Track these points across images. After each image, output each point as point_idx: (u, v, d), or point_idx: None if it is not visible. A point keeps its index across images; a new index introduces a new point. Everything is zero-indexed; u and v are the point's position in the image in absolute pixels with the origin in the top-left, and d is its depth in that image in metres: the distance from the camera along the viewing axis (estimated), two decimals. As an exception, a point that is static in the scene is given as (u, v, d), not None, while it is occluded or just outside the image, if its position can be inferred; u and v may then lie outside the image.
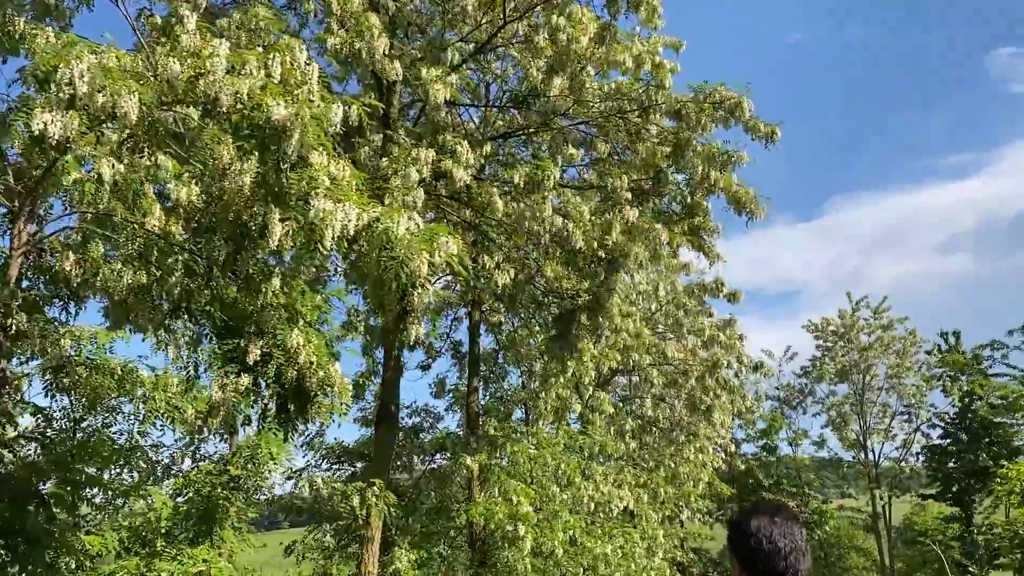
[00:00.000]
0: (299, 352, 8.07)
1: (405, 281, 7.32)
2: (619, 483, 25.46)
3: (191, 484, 11.87)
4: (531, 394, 25.69)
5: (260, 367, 8.07)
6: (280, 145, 6.47)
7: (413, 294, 7.40)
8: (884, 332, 48.78)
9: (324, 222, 6.63)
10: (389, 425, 17.13)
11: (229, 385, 7.98)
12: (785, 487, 46.07)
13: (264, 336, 8.11)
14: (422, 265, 7.32)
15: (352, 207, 6.78)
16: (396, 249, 7.20)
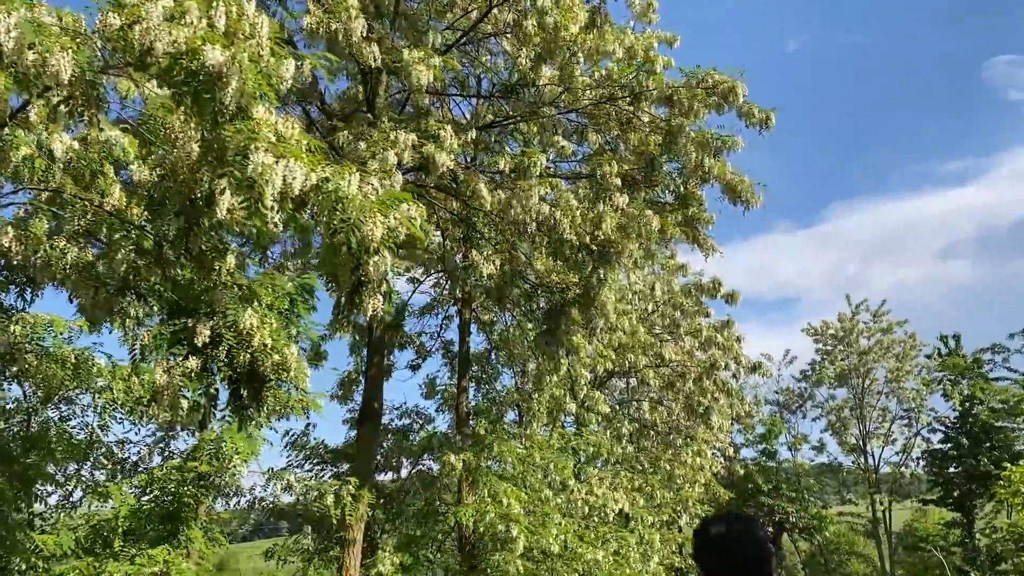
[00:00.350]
0: (253, 334, 7.38)
1: (357, 246, 6.66)
2: (614, 486, 24.80)
3: (155, 481, 11.19)
4: (524, 395, 25.00)
5: (210, 349, 7.40)
6: (215, 94, 5.82)
7: (368, 262, 6.75)
8: (884, 335, 48.10)
9: (264, 177, 5.96)
10: (372, 424, 16.47)
11: (175, 368, 7.30)
12: (784, 492, 45.36)
13: (215, 316, 7.43)
14: (376, 228, 6.67)
15: (298, 164, 6.12)
16: (347, 210, 6.55)
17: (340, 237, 6.63)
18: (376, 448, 16.48)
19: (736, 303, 31.57)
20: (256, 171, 5.93)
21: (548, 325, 17.53)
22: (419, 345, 24.96)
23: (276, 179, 5.97)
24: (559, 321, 17.30)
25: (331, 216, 6.54)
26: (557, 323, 17.29)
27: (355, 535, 15.63)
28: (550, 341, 17.28)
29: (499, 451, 17.68)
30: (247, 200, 6.20)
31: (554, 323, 17.42)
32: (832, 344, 49.10)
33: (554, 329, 17.27)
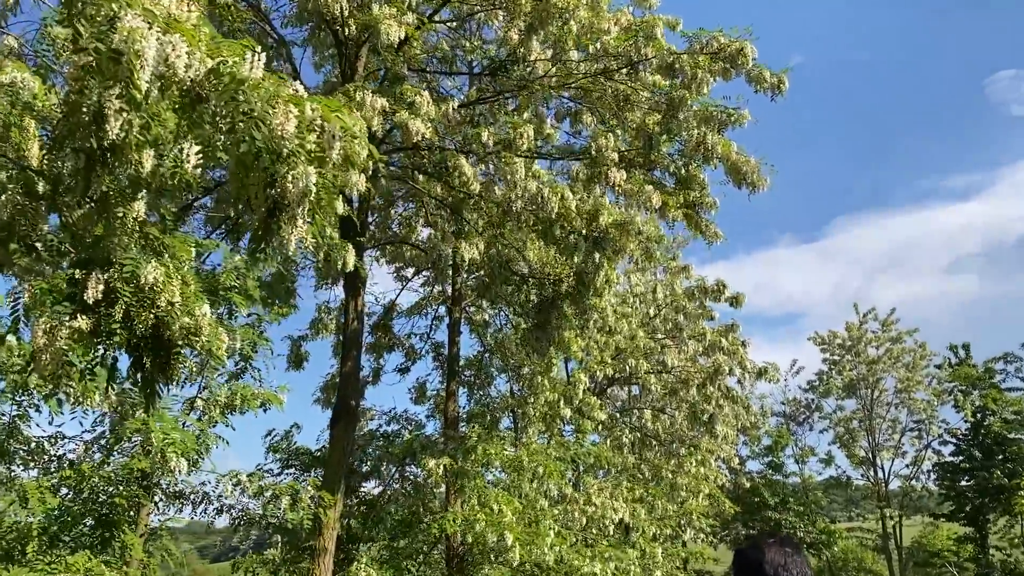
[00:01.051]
0: (158, 291, 5.96)
1: (262, 146, 5.22)
2: (614, 495, 23.30)
3: (84, 480, 9.79)
4: (519, 400, 23.55)
5: (104, 307, 5.98)
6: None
7: (285, 175, 5.32)
8: (893, 345, 46.46)
9: (133, 48, 4.54)
10: (347, 423, 15.00)
11: (60, 329, 5.89)
12: (792, 506, 43.67)
13: (111, 268, 6.03)
14: (286, 121, 5.23)
15: (183, 41, 4.70)
16: (249, 100, 5.14)
17: (244, 143, 5.20)
18: (350, 450, 15.02)
19: (741, 306, 30.02)
20: (123, 39, 4.54)
21: (538, 320, 16.10)
22: (409, 347, 23.53)
23: (149, 52, 4.57)
24: (550, 315, 15.88)
25: (232, 110, 5.13)
26: (548, 317, 15.87)
27: (326, 544, 14.15)
28: (540, 337, 15.85)
29: (483, 454, 16.20)
30: (112, 74, 4.79)
31: (544, 317, 15.99)
32: (840, 354, 47.48)
33: (544, 324, 15.84)
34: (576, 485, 25.94)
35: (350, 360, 15.39)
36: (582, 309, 15.78)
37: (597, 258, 14.69)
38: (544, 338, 15.77)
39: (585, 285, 15.21)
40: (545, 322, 15.79)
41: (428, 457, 15.92)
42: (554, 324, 15.86)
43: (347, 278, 15.81)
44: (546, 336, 15.72)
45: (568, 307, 15.82)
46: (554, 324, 15.86)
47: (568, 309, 15.82)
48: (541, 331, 15.77)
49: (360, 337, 15.66)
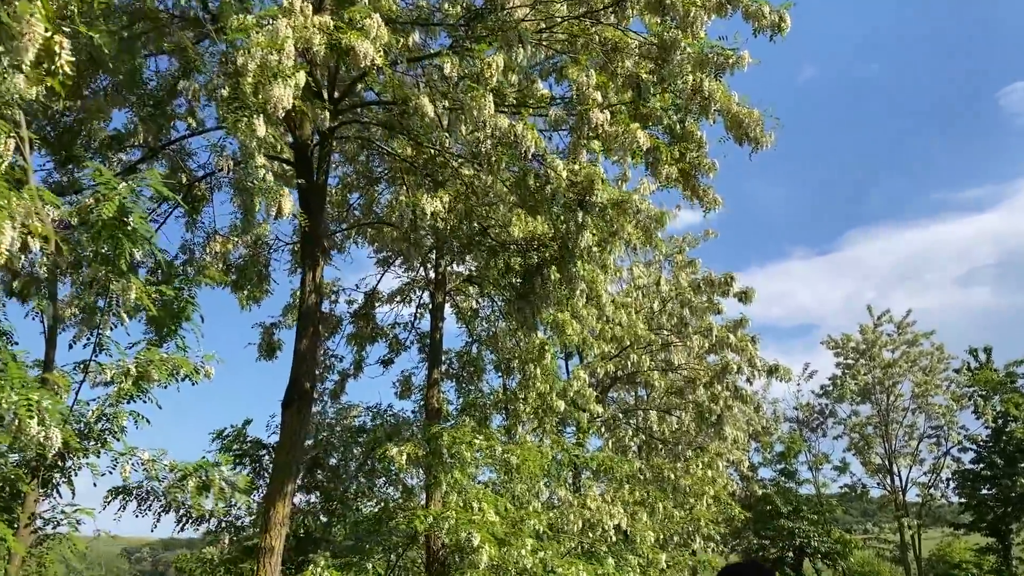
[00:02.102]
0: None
1: None
2: (612, 499, 21.39)
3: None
4: (511, 395, 21.68)
5: None
6: None
7: None
8: (909, 348, 44.24)
9: None
10: (301, 407, 13.20)
11: None
12: (805, 514, 41.48)
13: None
14: None
15: None
16: None
17: None
18: (303, 437, 13.20)
19: (751, 301, 28.16)
20: None
21: (522, 289, 14.28)
22: (392, 338, 21.71)
23: None
24: (534, 284, 14.06)
25: None
26: (531, 286, 14.05)
27: (272, 542, 12.34)
28: (523, 307, 14.02)
29: (451, 440, 14.32)
30: None
31: (528, 287, 14.17)
32: (854, 357, 45.28)
33: (527, 293, 14.02)
34: (577, 489, 24.06)
35: (306, 337, 13.60)
36: (568, 276, 13.92)
37: (580, 217, 12.86)
38: (528, 308, 13.95)
39: (569, 249, 13.38)
40: (528, 291, 13.97)
41: (389, 446, 14.06)
42: (539, 293, 14.03)
43: (304, 247, 14.07)
44: (530, 306, 13.90)
45: (555, 274, 14.00)
46: (539, 293, 14.03)
47: (555, 276, 14.00)
48: (524, 301, 13.95)
49: (317, 312, 13.86)
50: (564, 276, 13.87)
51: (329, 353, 20.72)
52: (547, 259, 14.37)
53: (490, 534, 14.50)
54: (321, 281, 13.97)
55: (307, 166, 14.11)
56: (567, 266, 13.67)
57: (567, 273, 13.80)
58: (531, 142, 11.18)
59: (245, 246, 19.25)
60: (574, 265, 13.63)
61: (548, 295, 14.16)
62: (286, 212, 10.12)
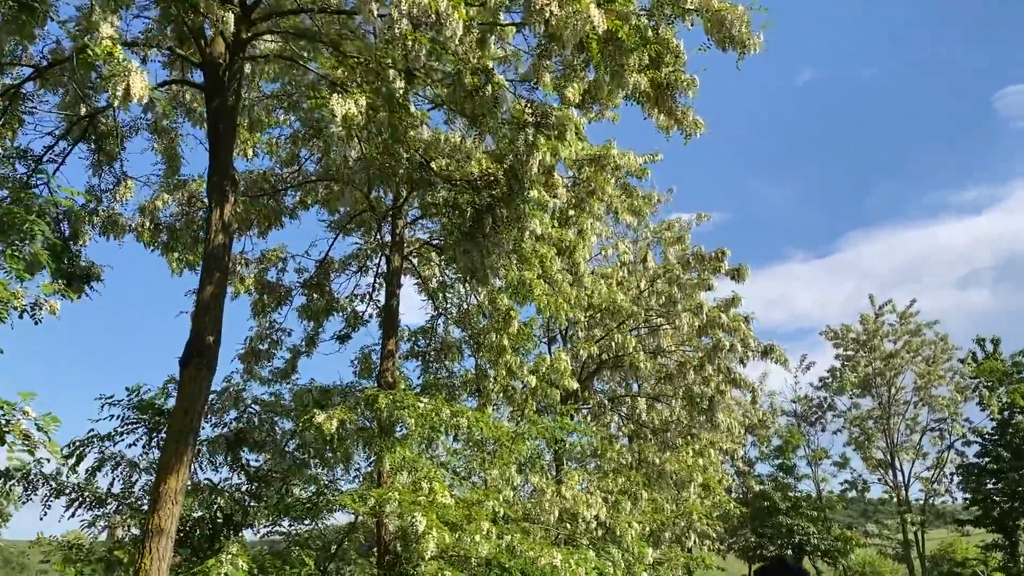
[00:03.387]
0: None
1: None
2: (589, 488, 19.03)
3: None
4: (480, 372, 19.33)
5: None
6: None
7: None
8: (912, 338, 41.75)
9: None
10: (200, 366, 10.84)
11: None
12: (804, 510, 39.00)
13: None
14: None
15: None
16: None
17: None
18: (203, 399, 10.83)
19: (744, 280, 25.77)
20: None
21: (470, 230, 11.95)
22: (350, 312, 19.33)
23: None
24: (483, 223, 11.73)
25: None
26: (480, 226, 11.72)
27: (162, 522, 9.97)
28: (470, 250, 11.68)
29: (385, 404, 11.91)
30: None
31: (477, 226, 11.84)
32: (854, 348, 42.80)
33: (474, 233, 11.68)
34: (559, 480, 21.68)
35: (211, 284, 11.25)
36: (516, 214, 11.59)
37: (531, 135, 10.54)
38: (476, 251, 11.61)
39: (518, 179, 11.05)
40: (476, 230, 11.64)
41: (315, 412, 11.67)
42: (489, 234, 11.71)
43: (210, 179, 11.75)
44: (478, 248, 11.56)
45: (504, 212, 11.68)
46: (489, 234, 11.71)
47: (505, 215, 11.68)
48: (471, 243, 11.61)
49: (226, 256, 11.51)
50: (512, 213, 11.53)
51: (276, 327, 18.35)
52: (498, 198, 12.06)
53: (440, 518, 12.15)
54: (231, 220, 11.62)
55: (218, 86, 11.83)
56: (515, 199, 11.32)
57: (515, 210, 11.46)
58: (457, 23, 8.82)
59: (178, 203, 17.01)
60: (523, 198, 11.29)
61: (499, 237, 11.81)
62: (136, 93, 7.76)
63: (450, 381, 20.00)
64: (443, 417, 12.16)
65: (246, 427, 13.25)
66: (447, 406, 12.42)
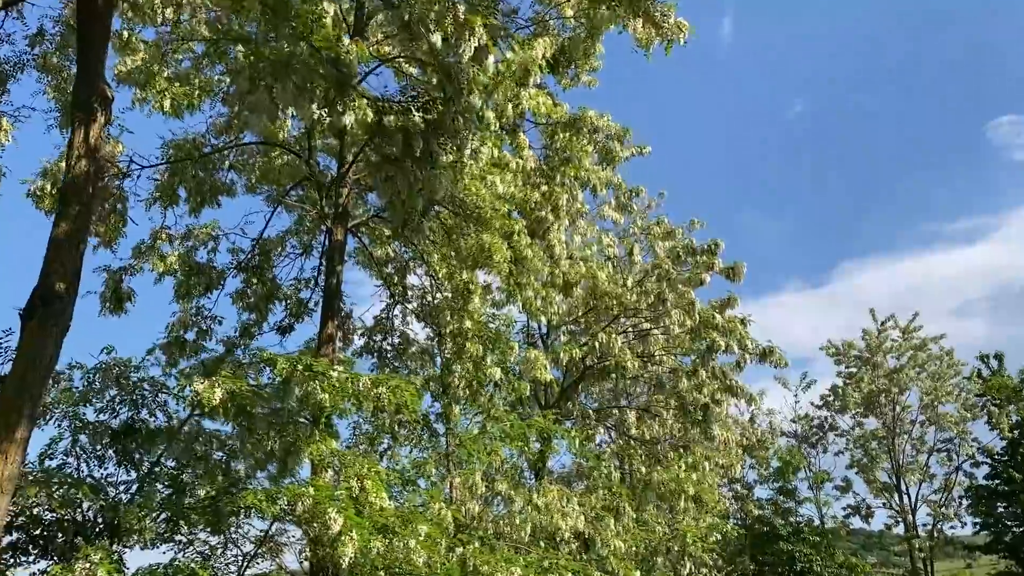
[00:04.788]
0: None
1: None
2: (566, 497, 16.42)
3: None
4: (444, 369, 16.79)
5: None
6: None
7: None
8: (917, 352, 39.13)
9: None
10: (47, 316, 8.33)
11: None
12: (807, 535, 36.07)
13: None
14: None
15: None
16: None
17: None
18: (48, 360, 8.33)
19: (740, 279, 23.31)
20: None
21: (400, 154, 9.47)
22: (294, 300, 16.83)
23: None
24: (412, 148, 9.26)
25: None
26: (409, 148, 9.25)
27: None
28: (394, 174, 9.20)
29: (284, 371, 9.36)
30: None
31: (407, 152, 9.37)
32: (856, 365, 40.17)
33: (404, 157, 9.21)
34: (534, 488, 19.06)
35: (67, 220, 8.77)
36: (453, 127, 9.10)
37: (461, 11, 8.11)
38: (402, 176, 9.13)
39: (451, 77, 8.59)
40: (407, 154, 9.18)
41: (196, 379, 9.15)
42: (420, 159, 9.24)
43: (74, 94, 9.33)
44: (404, 176, 9.08)
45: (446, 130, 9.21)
46: (420, 159, 9.24)
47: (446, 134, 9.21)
48: (396, 166, 9.13)
49: (89, 185, 9.01)
50: (448, 126, 9.04)
51: (204, 314, 15.80)
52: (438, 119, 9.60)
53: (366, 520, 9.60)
54: (99, 142, 9.15)
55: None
56: (450, 109, 8.85)
57: (451, 123, 8.98)
58: None
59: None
60: (459, 107, 8.82)
61: (431, 156, 9.32)
62: None
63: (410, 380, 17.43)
64: (360, 387, 9.58)
65: (137, 414, 10.69)
66: (368, 376, 9.86)
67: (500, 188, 12.54)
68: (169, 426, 10.59)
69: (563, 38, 16.56)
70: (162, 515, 10.40)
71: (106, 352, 10.51)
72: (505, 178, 12.83)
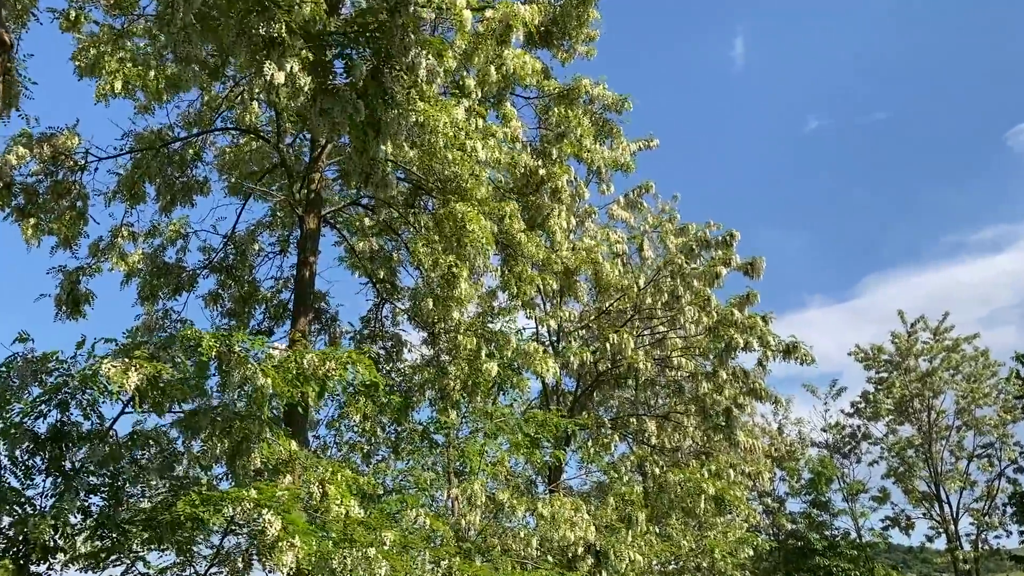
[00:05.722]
0: None
1: None
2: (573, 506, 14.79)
3: None
4: (440, 368, 15.25)
5: None
6: None
7: None
8: (950, 354, 37.04)
9: None
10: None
11: None
12: (843, 549, 34.01)
13: None
14: None
15: None
16: None
17: None
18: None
19: (759, 274, 21.67)
20: None
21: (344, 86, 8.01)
22: (275, 302, 15.42)
23: None
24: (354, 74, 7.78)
25: None
26: (353, 78, 7.78)
27: None
28: (331, 107, 7.71)
29: (208, 347, 7.86)
30: None
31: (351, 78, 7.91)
32: (887, 370, 38.15)
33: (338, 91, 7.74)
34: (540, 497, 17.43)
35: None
36: (401, 45, 7.60)
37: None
38: (339, 110, 7.65)
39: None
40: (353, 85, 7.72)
41: (110, 359, 7.68)
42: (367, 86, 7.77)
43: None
44: (342, 106, 7.61)
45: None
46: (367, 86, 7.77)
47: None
48: (333, 98, 7.67)
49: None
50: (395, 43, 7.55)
51: (173, 317, 14.41)
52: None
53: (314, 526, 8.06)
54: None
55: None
56: (396, 21, 7.38)
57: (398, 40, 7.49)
58: None
59: (39, 160, 13.30)
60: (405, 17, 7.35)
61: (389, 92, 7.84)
62: None
63: (403, 383, 15.93)
64: (305, 365, 8.08)
65: (68, 416, 9.24)
66: (315, 352, 8.35)
67: (482, 154, 11.08)
68: (100, 428, 9.14)
69: (555, 7, 15.21)
70: (99, 530, 8.94)
71: (20, 342, 9.11)
72: (488, 143, 11.37)
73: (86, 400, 9.07)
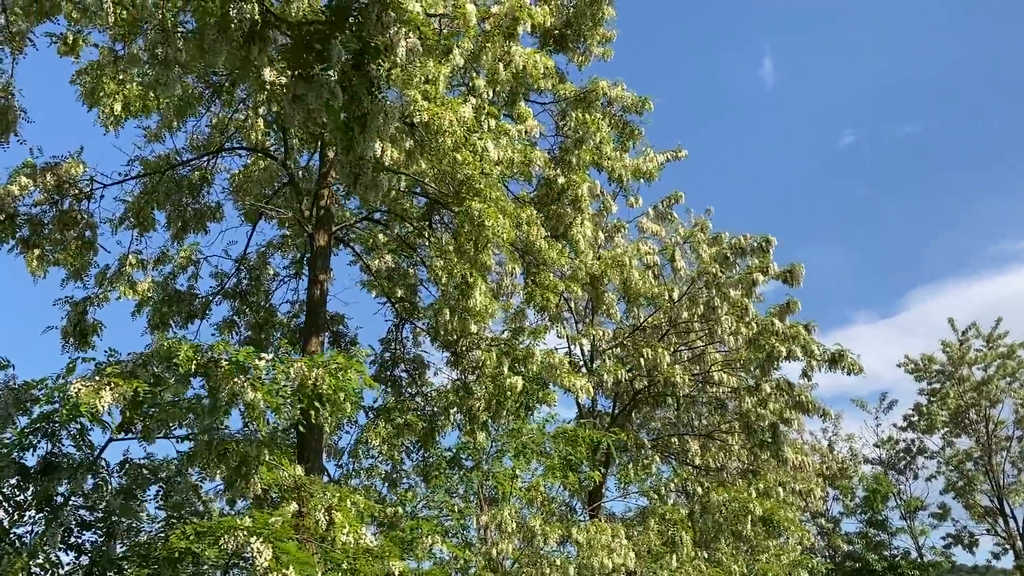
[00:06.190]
0: None
1: None
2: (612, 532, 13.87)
3: None
4: (464, 388, 14.48)
5: None
6: None
7: None
8: (1005, 361, 35.42)
9: None
10: None
11: None
12: (904, 570, 32.44)
13: None
14: None
15: None
16: None
17: None
18: None
19: (799, 282, 20.63)
20: None
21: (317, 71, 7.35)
22: (292, 328, 14.82)
23: None
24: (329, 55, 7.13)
25: None
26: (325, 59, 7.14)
27: None
28: (305, 93, 7.05)
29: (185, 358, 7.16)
30: None
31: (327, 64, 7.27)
32: (939, 380, 36.61)
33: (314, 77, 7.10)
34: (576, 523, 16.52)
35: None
36: (379, 23, 6.94)
37: None
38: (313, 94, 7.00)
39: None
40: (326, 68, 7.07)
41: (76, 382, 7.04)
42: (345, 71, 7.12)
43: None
44: (317, 90, 6.96)
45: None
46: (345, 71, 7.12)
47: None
48: (306, 83, 7.02)
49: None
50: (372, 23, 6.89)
51: (187, 344, 13.87)
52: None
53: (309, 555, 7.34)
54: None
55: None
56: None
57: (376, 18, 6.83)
58: None
59: (43, 189, 12.89)
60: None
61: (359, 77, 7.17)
62: None
63: (426, 406, 15.20)
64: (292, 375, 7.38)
65: (59, 447, 8.63)
66: (302, 360, 7.66)
67: (493, 153, 10.42)
68: (89, 458, 8.52)
69: (568, 8, 14.62)
70: (93, 568, 8.29)
71: (0, 369, 8.53)
72: (500, 142, 10.72)
73: (76, 429, 8.43)
